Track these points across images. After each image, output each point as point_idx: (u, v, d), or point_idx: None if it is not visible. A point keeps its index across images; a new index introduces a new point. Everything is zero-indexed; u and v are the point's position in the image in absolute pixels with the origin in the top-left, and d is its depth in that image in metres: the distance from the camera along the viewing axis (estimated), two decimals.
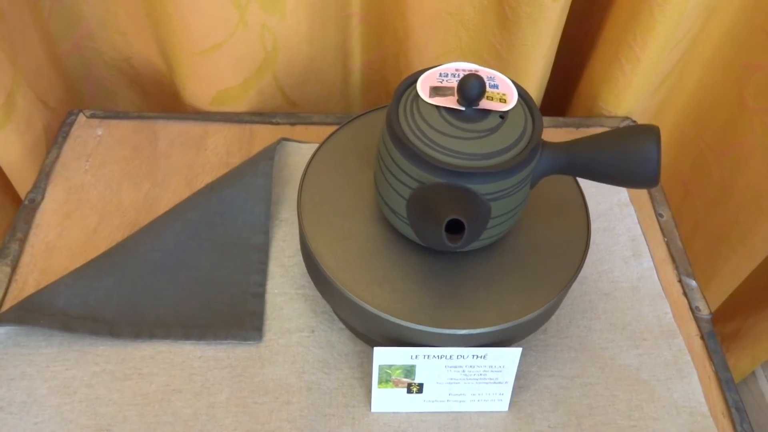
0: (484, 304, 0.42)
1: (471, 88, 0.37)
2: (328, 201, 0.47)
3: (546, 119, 0.67)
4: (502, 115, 0.39)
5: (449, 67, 0.42)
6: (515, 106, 0.40)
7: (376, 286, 0.42)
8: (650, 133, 0.38)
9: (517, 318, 0.41)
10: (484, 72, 0.41)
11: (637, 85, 0.64)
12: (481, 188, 0.38)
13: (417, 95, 0.40)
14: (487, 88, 0.40)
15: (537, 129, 0.40)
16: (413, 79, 0.42)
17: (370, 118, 0.51)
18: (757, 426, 0.89)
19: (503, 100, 0.40)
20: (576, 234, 0.46)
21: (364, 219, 0.46)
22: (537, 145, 0.40)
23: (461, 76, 0.39)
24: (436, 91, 0.40)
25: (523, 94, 0.41)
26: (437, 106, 0.39)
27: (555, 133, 0.66)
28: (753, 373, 0.89)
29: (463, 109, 0.39)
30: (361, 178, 0.47)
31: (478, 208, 0.38)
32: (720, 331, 0.85)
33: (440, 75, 0.41)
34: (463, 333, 0.41)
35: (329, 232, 0.45)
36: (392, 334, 0.42)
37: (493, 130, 0.39)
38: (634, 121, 0.67)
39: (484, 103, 0.39)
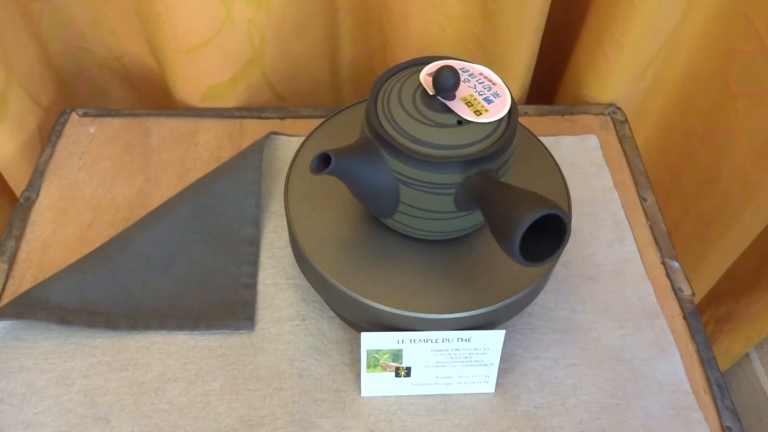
0: (467, 289, 0.43)
1: (441, 78, 0.38)
2: (314, 193, 0.48)
3: (531, 108, 0.68)
4: (460, 121, 0.39)
5: (474, 67, 0.42)
6: (485, 123, 0.39)
7: (362, 275, 0.43)
8: (540, 208, 0.34)
9: (499, 302, 0.42)
10: (499, 88, 0.41)
11: (620, 72, 0.65)
12: (390, 161, 0.39)
13: (408, 78, 0.42)
14: (477, 96, 0.40)
15: (483, 152, 0.39)
16: (414, 63, 0.43)
17: (355, 110, 0.52)
18: (752, 407, 0.90)
19: (478, 112, 0.40)
20: None
21: (349, 210, 0.47)
22: (465, 163, 0.39)
23: (473, 78, 0.41)
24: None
25: (510, 124, 0.40)
26: (416, 91, 0.41)
27: (540, 121, 0.67)
28: (747, 354, 0.91)
29: (431, 94, 0.40)
30: None
31: (371, 171, 0.39)
32: (713, 314, 0.86)
33: (461, 69, 0.42)
34: (448, 317, 0.42)
35: (316, 224, 0.46)
36: (379, 321, 0.43)
37: (442, 127, 0.39)
38: (619, 108, 0.68)
39: (458, 104, 0.40)
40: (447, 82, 0.38)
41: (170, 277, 0.52)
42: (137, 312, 0.50)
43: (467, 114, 0.39)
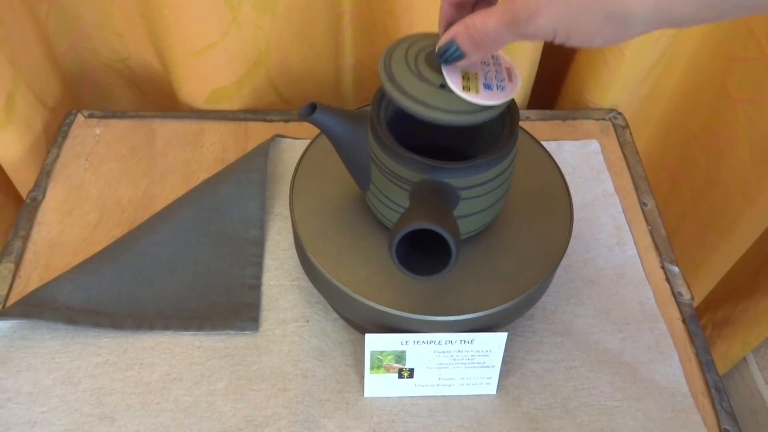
0: (470, 292, 0.44)
1: None
2: (319, 196, 0.48)
3: (533, 112, 0.69)
4: (443, 84, 0.38)
5: (506, 60, 0.41)
6: (471, 106, 0.38)
7: (366, 277, 0.44)
8: (420, 222, 0.34)
9: (502, 304, 0.43)
10: (510, 85, 0.39)
11: (621, 78, 0.66)
12: (367, 135, 0.42)
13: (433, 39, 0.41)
14: (480, 77, 0.38)
15: (442, 163, 0.39)
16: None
17: None
18: (749, 411, 0.91)
19: (467, 88, 0.38)
20: (560, 223, 0.48)
21: (353, 213, 0.47)
22: (423, 165, 0.39)
23: (495, 65, 0.40)
24: None
25: (495, 153, 0.40)
26: (426, 49, 0.40)
27: (542, 126, 0.68)
28: (744, 359, 0.91)
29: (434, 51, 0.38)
30: None
31: (351, 136, 0.42)
32: (711, 318, 0.87)
33: (492, 55, 0.41)
34: (451, 319, 0.43)
35: (320, 226, 0.46)
36: (383, 323, 0.44)
37: (424, 81, 0.38)
38: (620, 113, 0.69)
39: (452, 70, 0.37)
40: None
41: (175, 278, 0.52)
42: (143, 312, 0.50)
43: (454, 83, 0.37)
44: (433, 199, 0.38)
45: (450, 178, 0.40)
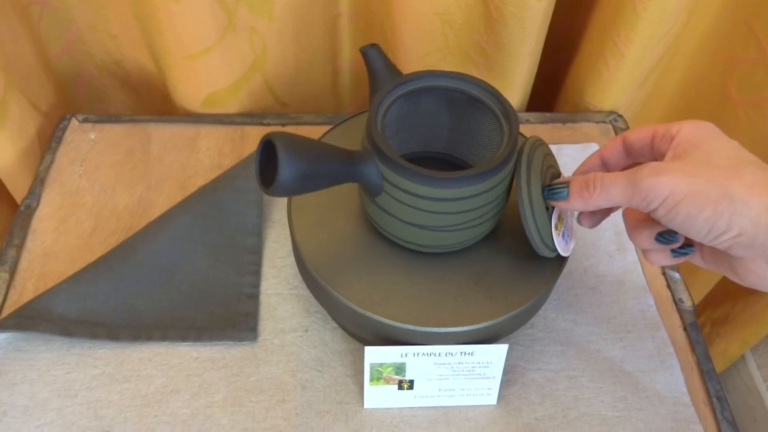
0: (470, 303, 0.43)
1: None
2: (318, 203, 0.48)
3: (533, 115, 0.68)
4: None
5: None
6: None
7: (365, 288, 0.43)
8: (268, 138, 0.36)
9: (502, 315, 0.42)
10: (575, 232, 0.47)
11: (621, 80, 0.65)
12: None
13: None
14: (566, 224, 0.46)
15: (383, 144, 0.40)
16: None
17: (360, 119, 0.52)
18: (747, 408, 0.91)
19: (557, 227, 0.44)
20: None
21: (352, 221, 0.47)
22: (369, 134, 0.41)
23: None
24: None
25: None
26: None
27: (542, 129, 0.67)
28: (743, 357, 0.91)
29: None
30: None
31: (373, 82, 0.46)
32: (710, 317, 0.87)
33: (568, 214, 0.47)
34: (450, 331, 0.42)
35: (319, 235, 0.46)
36: (382, 334, 0.44)
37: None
38: (620, 116, 0.68)
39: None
40: None
41: (172, 288, 0.52)
42: (140, 323, 0.50)
43: (551, 220, 0.43)
44: (331, 147, 0.39)
45: (375, 165, 0.40)
